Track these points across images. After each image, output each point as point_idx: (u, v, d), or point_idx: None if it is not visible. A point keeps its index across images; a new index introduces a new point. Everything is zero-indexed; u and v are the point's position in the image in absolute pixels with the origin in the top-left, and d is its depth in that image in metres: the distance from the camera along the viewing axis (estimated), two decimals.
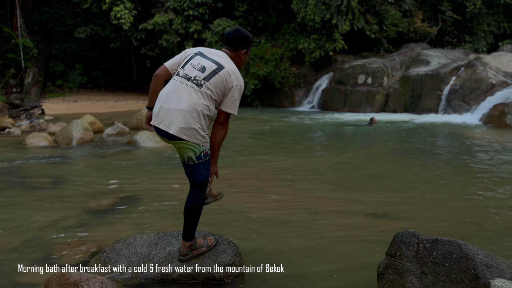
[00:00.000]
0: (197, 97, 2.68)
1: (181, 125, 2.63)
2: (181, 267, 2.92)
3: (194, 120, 2.65)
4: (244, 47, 2.92)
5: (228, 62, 2.81)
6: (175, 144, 2.73)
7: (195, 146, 2.69)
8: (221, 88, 2.73)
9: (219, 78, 2.72)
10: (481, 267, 2.14)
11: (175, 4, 18.53)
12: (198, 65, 2.76)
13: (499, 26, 21.30)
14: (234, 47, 2.90)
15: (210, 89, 2.70)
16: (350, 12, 16.59)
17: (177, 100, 2.68)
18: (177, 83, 2.75)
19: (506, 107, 11.85)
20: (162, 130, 2.69)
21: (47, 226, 4.06)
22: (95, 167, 6.71)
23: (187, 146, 2.70)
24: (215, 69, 2.73)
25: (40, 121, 11.86)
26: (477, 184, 5.72)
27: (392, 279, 2.52)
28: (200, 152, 2.72)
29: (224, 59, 2.82)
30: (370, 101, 15.68)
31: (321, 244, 3.67)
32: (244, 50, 2.92)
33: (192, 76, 2.73)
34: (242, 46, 2.91)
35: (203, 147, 2.73)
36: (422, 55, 16.67)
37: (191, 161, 2.75)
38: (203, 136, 2.72)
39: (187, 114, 2.64)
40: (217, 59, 2.80)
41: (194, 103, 2.66)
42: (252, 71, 17.30)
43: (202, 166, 2.78)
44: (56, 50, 21.44)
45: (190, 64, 2.79)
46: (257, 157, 7.68)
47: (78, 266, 3.17)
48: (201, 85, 2.69)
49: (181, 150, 2.74)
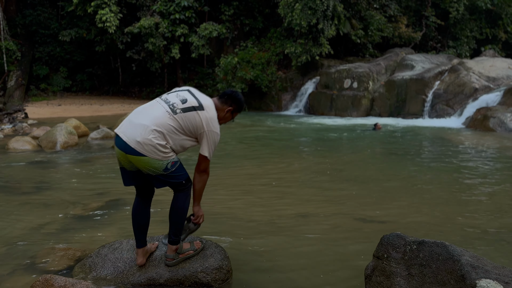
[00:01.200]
0: (167, 119, 2.66)
1: (141, 139, 2.59)
2: (168, 272, 2.89)
3: (155, 136, 2.60)
4: (230, 105, 2.95)
5: (211, 109, 2.81)
6: (133, 159, 2.64)
7: (156, 161, 2.63)
8: (193, 126, 2.71)
9: (195, 116, 2.71)
10: (467, 268, 2.16)
11: (161, 7, 18.47)
12: (182, 97, 2.79)
13: (481, 32, 21.73)
14: (223, 100, 2.95)
15: (183, 120, 2.69)
16: (336, 17, 16.75)
17: (146, 115, 2.68)
18: (154, 102, 2.79)
19: (488, 111, 12.07)
20: (122, 142, 2.64)
21: (31, 231, 3.98)
22: (80, 172, 6.62)
23: (148, 162, 2.62)
24: (195, 106, 2.74)
25: (24, 125, 11.66)
26: (462, 186, 5.80)
27: (379, 281, 2.53)
28: (165, 165, 2.66)
29: (208, 104, 2.82)
30: (356, 105, 15.82)
31: (308, 247, 3.67)
32: (230, 108, 2.94)
33: (171, 102, 2.75)
34: (229, 103, 2.95)
35: (166, 161, 2.66)
36: (406, 59, 16.90)
37: (159, 173, 2.68)
38: (165, 152, 2.64)
39: (149, 130, 2.60)
40: (202, 101, 2.81)
41: (162, 123, 2.64)
42: (239, 75, 17.32)
43: (175, 172, 2.73)
44: (40, 53, 21.16)
45: (176, 93, 2.84)
46: (244, 161, 7.67)
47: (63, 271, 3.11)
48: (175, 113, 2.69)
49: (142, 166, 2.66)
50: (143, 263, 2.96)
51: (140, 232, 2.93)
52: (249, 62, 18.03)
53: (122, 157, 2.72)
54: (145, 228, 2.95)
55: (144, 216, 2.93)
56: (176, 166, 2.73)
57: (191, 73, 21.60)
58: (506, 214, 4.64)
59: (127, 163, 2.74)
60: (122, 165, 2.80)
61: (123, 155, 2.70)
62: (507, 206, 4.91)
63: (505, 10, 21.32)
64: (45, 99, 19.71)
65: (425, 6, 20.82)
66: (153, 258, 3.02)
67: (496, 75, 14.87)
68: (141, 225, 2.92)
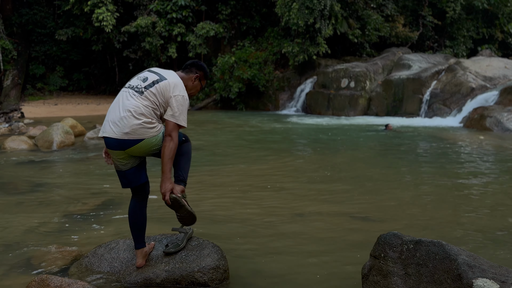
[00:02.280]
0: (137, 100, 2.72)
1: (129, 129, 2.65)
2: (164, 272, 2.88)
3: (138, 118, 2.67)
4: (196, 72, 3.00)
5: (174, 77, 2.87)
6: (133, 150, 2.72)
7: (153, 139, 2.72)
8: (161, 97, 2.76)
9: (159, 87, 2.77)
10: (464, 267, 2.16)
11: (158, 6, 18.42)
12: (142, 77, 2.87)
13: (478, 32, 21.77)
14: (187, 70, 3.01)
15: (151, 95, 2.74)
16: (333, 17, 16.75)
17: (118, 108, 2.73)
18: (121, 93, 2.85)
19: (485, 111, 12.09)
20: (113, 141, 2.68)
21: (27, 231, 3.96)
22: (76, 171, 6.60)
23: (147, 143, 2.71)
24: (156, 79, 2.81)
25: (20, 124, 11.61)
26: (458, 185, 5.82)
27: (376, 281, 2.53)
28: (162, 136, 2.75)
29: (170, 74, 2.88)
30: (353, 104, 15.83)
31: (305, 246, 3.67)
32: (196, 75, 2.99)
33: (134, 85, 2.82)
34: (194, 71, 3.00)
35: (160, 132, 2.76)
36: (403, 59, 16.92)
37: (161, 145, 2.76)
38: (155, 126, 2.72)
39: (130, 116, 2.67)
40: (163, 73, 2.88)
41: (135, 105, 2.70)
42: (236, 74, 17.30)
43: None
44: (36, 52, 21.06)
45: (136, 76, 2.90)
46: (241, 161, 7.66)
47: (59, 271, 3.09)
48: (141, 92, 2.76)
49: (145, 151, 2.76)
50: (142, 264, 2.95)
51: (138, 233, 2.92)
52: (246, 61, 18.01)
53: (119, 156, 2.73)
54: (142, 228, 2.94)
55: (141, 216, 2.93)
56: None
57: None
58: (503, 213, 4.65)
59: (125, 162, 2.76)
60: (118, 168, 2.81)
61: (121, 154, 2.72)
62: (504, 205, 4.92)
63: (502, 10, 21.36)
64: (42, 99, 19.63)
65: (422, 6, 20.85)
66: (149, 258, 3.01)
67: (493, 74, 14.91)
68: (139, 225, 2.92)
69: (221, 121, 14.10)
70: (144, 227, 2.96)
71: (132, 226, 2.92)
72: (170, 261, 2.96)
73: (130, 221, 2.92)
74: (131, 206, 2.93)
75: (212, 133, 11.07)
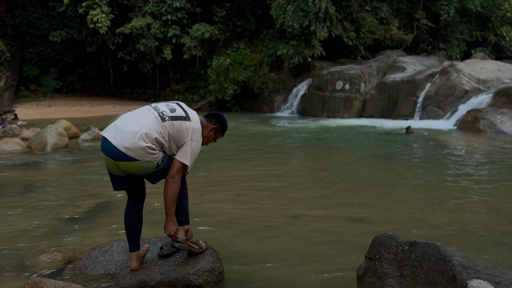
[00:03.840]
0: (155, 125, 2.69)
1: (130, 145, 2.60)
2: (159, 275, 2.87)
3: (144, 140, 2.61)
4: (214, 124, 3.02)
5: (196, 121, 2.88)
6: (123, 165, 2.66)
7: (147, 163, 2.66)
8: (179, 134, 2.76)
9: (182, 125, 2.77)
10: (459, 268, 2.16)
11: (153, 8, 18.40)
12: (171, 106, 2.87)
13: (472, 34, 21.93)
14: (208, 118, 3.04)
15: (171, 128, 2.73)
16: (328, 19, 16.81)
17: (134, 121, 2.69)
18: (144, 109, 2.82)
19: (479, 113, 12.18)
20: (111, 148, 2.63)
21: (20, 234, 3.93)
22: (70, 173, 6.56)
23: (139, 165, 2.65)
24: (183, 116, 2.82)
25: (13, 126, 11.53)
26: (453, 187, 5.84)
27: (371, 282, 2.53)
28: (156, 163, 2.70)
29: (194, 117, 2.89)
30: (347, 106, 15.88)
31: (300, 248, 3.67)
32: (214, 127, 3.01)
33: (160, 110, 2.80)
34: (213, 122, 3.03)
35: (156, 160, 2.69)
36: (398, 62, 17.00)
37: (152, 171, 2.74)
38: (154, 153, 2.66)
39: (138, 135, 2.61)
40: (190, 113, 2.89)
41: (150, 128, 2.66)
42: (232, 76, 17.31)
43: (166, 165, 2.77)
44: (30, 54, 20.96)
45: (166, 103, 2.91)
46: (236, 163, 7.66)
47: (53, 274, 3.07)
48: (164, 120, 2.74)
49: (134, 170, 2.70)
50: (137, 267, 2.93)
51: (133, 235, 2.91)
52: (241, 63, 18.02)
53: (110, 163, 2.71)
54: (138, 231, 2.93)
55: (136, 219, 2.92)
56: (166, 159, 2.78)
57: (183, 74, 21.53)
58: (497, 214, 4.68)
59: (115, 169, 2.74)
60: (110, 171, 2.80)
61: (111, 162, 2.69)
62: (498, 207, 4.95)
63: (495, 13, 21.55)
64: (35, 100, 19.52)
65: (416, 9, 20.98)
66: (144, 261, 3.00)
67: (486, 77, 15.03)
68: (134, 228, 2.91)
69: None
70: (140, 230, 2.95)
71: (128, 229, 2.90)
72: (165, 264, 2.95)
73: (126, 224, 2.90)
74: (127, 209, 2.92)
75: None
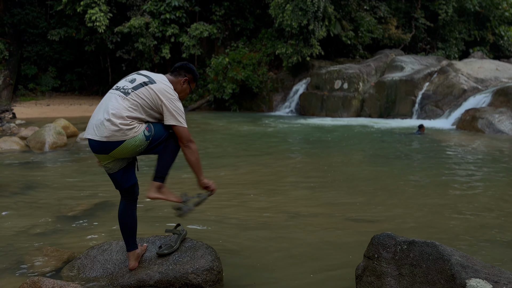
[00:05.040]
0: (122, 102, 2.65)
1: (108, 133, 2.57)
2: (158, 274, 2.86)
3: (118, 121, 2.58)
4: (184, 76, 2.95)
5: (163, 80, 2.82)
6: (116, 153, 2.63)
7: (134, 139, 2.61)
8: (150, 100, 2.70)
9: (149, 90, 2.71)
10: (457, 267, 2.17)
11: (152, 7, 18.37)
12: (130, 78, 2.81)
13: (470, 34, 21.96)
14: (175, 73, 2.96)
15: (138, 96, 2.68)
16: (327, 18, 16.81)
17: (102, 110, 2.66)
18: (107, 94, 2.78)
19: (477, 112, 12.19)
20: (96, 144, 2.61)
21: (19, 233, 3.92)
22: (69, 172, 6.55)
23: (129, 144, 2.61)
24: (145, 81, 2.75)
25: (11, 125, 11.50)
26: (451, 186, 5.85)
27: (370, 281, 2.53)
28: (143, 136, 2.65)
29: (159, 77, 2.83)
30: (346, 106, 15.89)
31: (299, 247, 3.67)
32: (185, 78, 2.94)
33: (121, 86, 2.76)
34: (183, 74, 2.95)
35: (140, 132, 2.64)
36: (396, 61, 17.01)
37: (146, 144, 2.68)
38: (134, 127, 2.61)
39: (110, 120, 2.58)
40: (152, 76, 2.82)
41: (117, 107, 2.63)
42: (230, 75, 17.30)
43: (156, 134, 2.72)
44: (28, 52, 20.90)
45: (124, 78, 2.85)
46: (235, 162, 7.65)
47: (51, 273, 3.06)
48: (128, 93, 2.69)
49: (129, 152, 2.66)
50: (135, 266, 2.92)
51: (129, 235, 2.89)
52: (240, 62, 18.01)
53: (105, 161, 2.70)
54: (133, 230, 2.91)
55: (130, 218, 2.90)
56: (153, 129, 2.71)
57: None
58: (496, 213, 4.68)
59: (111, 165, 2.72)
60: (107, 171, 2.78)
61: (105, 158, 2.67)
62: (496, 206, 4.96)
63: (493, 13, 21.58)
64: (34, 99, 19.48)
65: (414, 8, 21.00)
66: (142, 260, 2.99)
67: (484, 76, 15.05)
68: (129, 228, 2.89)
69: (214, 122, 14.07)
70: (135, 229, 2.92)
71: (123, 229, 2.89)
72: (163, 263, 2.94)
73: (120, 224, 2.88)
74: (121, 208, 2.89)
75: (205, 134, 11.04)
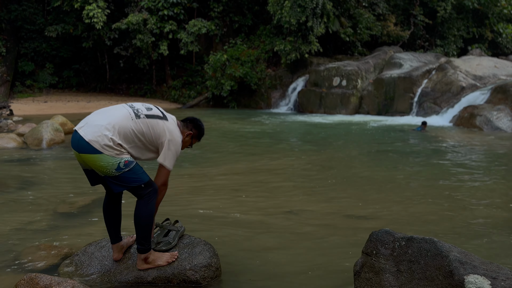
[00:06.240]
0: (127, 121, 2.61)
1: (93, 137, 2.50)
2: (156, 270, 2.85)
3: (110, 133, 2.53)
4: (191, 130, 2.97)
5: (173, 123, 2.83)
6: (86, 158, 2.54)
7: (108, 158, 2.51)
8: (155, 133, 2.68)
9: (159, 124, 2.71)
10: (456, 263, 2.16)
11: (150, 3, 18.30)
12: (147, 105, 2.82)
13: (468, 31, 21.95)
14: (185, 123, 2.98)
15: (146, 126, 2.66)
16: (325, 15, 16.78)
17: (106, 116, 2.62)
18: (119, 105, 2.75)
19: (475, 109, 12.20)
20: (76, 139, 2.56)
21: (16, 229, 3.91)
22: (66, 169, 6.53)
23: (100, 159, 2.51)
24: (160, 116, 2.77)
25: (9, 122, 11.46)
26: (450, 183, 5.85)
27: (368, 278, 2.53)
28: (117, 163, 2.54)
29: (172, 120, 2.85)
30: (344, 103, 15.88)
31: (297, 244, 3.67)
32: (190, 132, 2.95)
33: (136, 107, 2.73)
34: (190, 127, 2.97)
35: (118, 158, 2.55)
36: (395, 58, 17.00)
37: (112, 173, 2.56)
38: (119, 150, 2.55)
39: (104, 128, 2.53)
40: (167, 115, 2.84)
41: (121, 124, 2.58)
42: (228, 72, 17.26)
43: (129, 174, 2.59)
44: (25, 49, 20.79)
45: (143, 103, 2.84)
46: (233, 159, 7.64)
47: (49, 270, 3.05)
48: (139, 117, 2.67)
49: (95, 165, 2.55)
50: (119, 258, 2.95)
51: (112, 228, 2.91)
52: (238, 59, 17.97)
53: (78, 158, 2.65)
54: (117, 224, 2.93)
55: (114, 212, 2.91)
56: (131, 167, 2.59)
57: (180, 70, 21.45)
58: (494, 209, 4.69)
59: (84, 164, 2.66)
60: (81, 166, 2.74)
61: (78, 156, 2.62)
62: (495, 202, 4.97)
63: (492, 10, 21.55)
64: (31, 96, 19.40)
65: (413, 5, 20.97)
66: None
67: (483, 73, 15.05)
68: (113, 221, 2.91)
69: (212, 119, 14.05)
70: (119, 222, 2.94)
71: (107, 222, 2.90)
72: None
73: (105, 217, 2.90)
74: (104, 202, 2.90)
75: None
